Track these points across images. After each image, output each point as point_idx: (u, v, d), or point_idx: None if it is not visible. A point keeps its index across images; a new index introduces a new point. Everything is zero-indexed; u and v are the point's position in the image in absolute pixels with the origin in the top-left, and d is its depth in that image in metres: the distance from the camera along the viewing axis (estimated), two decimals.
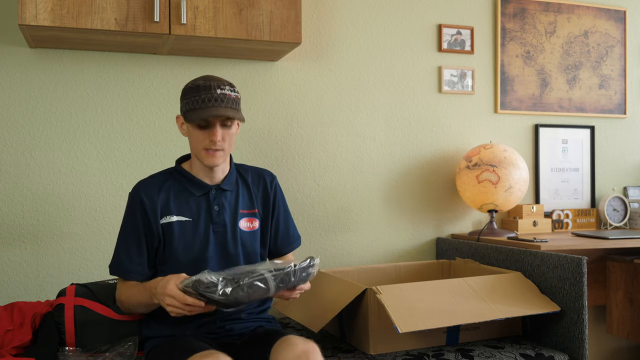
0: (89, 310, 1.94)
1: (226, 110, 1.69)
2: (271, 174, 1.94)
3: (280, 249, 1.94)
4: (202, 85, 1.70)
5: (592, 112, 3.13)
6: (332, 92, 2.68)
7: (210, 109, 1.67)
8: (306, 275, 1.61)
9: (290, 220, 1.96)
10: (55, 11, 1.99)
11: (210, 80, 1.71)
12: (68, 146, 2.33)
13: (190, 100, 1.70)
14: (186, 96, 1.72)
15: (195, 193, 1.79)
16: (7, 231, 2.26)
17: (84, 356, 1.85)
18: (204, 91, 1.68)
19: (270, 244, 1.92)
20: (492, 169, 2.63)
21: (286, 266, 1.56)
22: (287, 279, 1.56)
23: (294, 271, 1.56)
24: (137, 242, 1.76)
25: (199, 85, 1.70)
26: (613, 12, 3.17)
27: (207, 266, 1.77)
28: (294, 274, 1.56)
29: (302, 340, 1.59)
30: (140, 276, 1.76)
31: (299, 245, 1.99)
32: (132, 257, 1.75)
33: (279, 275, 1.54)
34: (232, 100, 1.71)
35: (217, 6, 2.17)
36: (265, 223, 1.89)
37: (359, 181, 2.72)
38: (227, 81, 1.74)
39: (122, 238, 1.79)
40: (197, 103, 1.68)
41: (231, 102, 1.71)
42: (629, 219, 3.06)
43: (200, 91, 1.69)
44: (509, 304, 2.05)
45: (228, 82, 1.73)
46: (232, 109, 1.71)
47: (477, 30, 2.91)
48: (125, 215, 1.80)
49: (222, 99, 1.69)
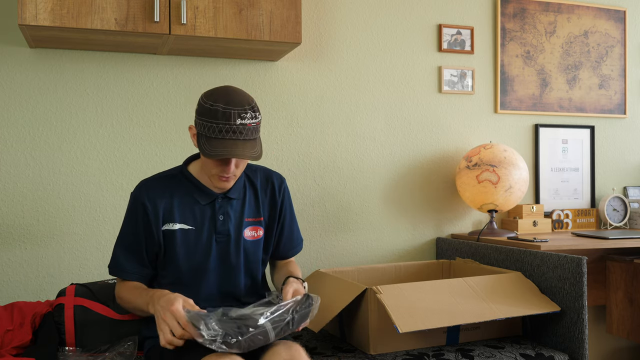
0: (89, 310, 1.94)
1: (244, 146, 1.59)
2: (280, 177, 1.89)
3: (283, 253, 1.92)
4: (222, 112, 1.57)
5: (592, 112, 3.13)
6: (332, 92, 2.68)
7: (227, 142, 1.57)
8: (305, 316, 1.59)
9: (295, 224, 1.94)
10: (55, 11, 1.99)
11: (231, 107, 1.57)
12: (68, 146, 2.33)
13: (206, 125, 1.59)
14: (203, 117, 1.60)
15: (200, 202, 1.75)
16: (7, 231, 2.26)
17: (84, 356, 1.85)
18: (223, 120, 1.57)
19: (274, 247, 1.90)
20: (492, 169, 2.63)
21: (286, 317, 1.54)
22: (286, 327, 1.55)
23: (293, 318, 1.55)
24: (137, 246, 1.74)
25: (217, 111, 1.57)
26: (613, 12, 3.17)
27: (207, 276, 1.75)
28: (293, 322, 1.55)
29: (285, 348, 1.56)
30: (139, 277, 1.75)
31: (301, 250, 1.98)
32: (130, 259, 1.74)
33: (278, 326, 1.53)
34: (252, 130, 1.60)
35: (217, 6, 2.17)
36: (270, 229, 1.86)
37: (359, 181, 2.72)
38: (248, 103, 1.60)
39: (121, 239, 1.77)
40: (214, 132, 1.58)
41: (250, 133, 1.60)
42: (629, 219, 3.06)
43: (219, 119, 1.57)
44: (509, 304, 2.05)
45: (250, 105, 1.60)
46: (251, 140, 1.61)
47: (477, 30, 2.91)
48: (127, 216, 1.77)
49: (242, 131, 1.58)
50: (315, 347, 2.09)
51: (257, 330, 1.50)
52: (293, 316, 1.55)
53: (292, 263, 1.95)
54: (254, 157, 1.61)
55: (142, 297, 1.63)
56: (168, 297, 1.52)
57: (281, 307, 1.55)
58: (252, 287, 1.84)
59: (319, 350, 2.05)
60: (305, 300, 1.60)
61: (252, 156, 1.61)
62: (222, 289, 1.79)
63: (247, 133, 1.60)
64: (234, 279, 1.79)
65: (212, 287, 1.77)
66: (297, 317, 1.56)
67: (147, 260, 1.75)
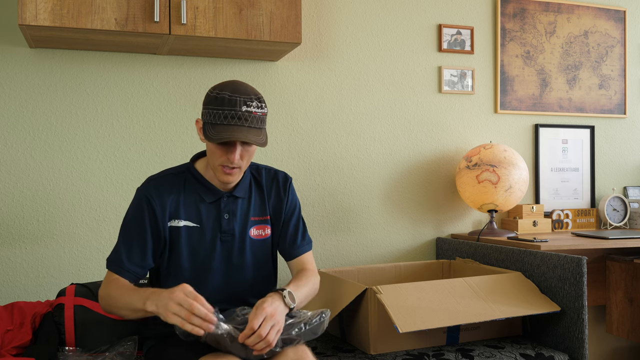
0: (89, 310, 1.94)
1: (248, 132, 1.59)
2: (286, 175, 1.87)
3: (290, 252, 1.86)
4: (228, 99, 1.59)
5: (592, 112, 3.13)
6: (332, 92, 2.68)
7: (232, 127, 1.58)
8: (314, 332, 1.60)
9: (301, 223, 1.89)
10: (55, 11, 1.99)
11: (238, 95, 1.60)
12: (68, 146, 2.33)
13: (212, 112, 1.61)
14: (209, 105, 1.62)
15: (206, 199, 1.73)
16: (7, 231, 2.26)
17: (84, 356, 1.85)
18: (229, 106, 1.59)
19: (280, 246, 1.87)
20: (492, 169, 2.63)
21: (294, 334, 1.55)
22: (295, 340, 1.57)
23: (304, 332, 1.57)
24: (142, 243, 1.69)
25: (224, 99, 1.59)
26: (613, 12, 3.17)
27: (212, 275, 1.72)
28: (302, 334, 1.57)
29: (292, 348, 1.56)
30: (134, 278, 1.68)
31: (310, 249, 1.90)
32: (133, 257, 1.68)
33: (287, 340, 1.55)
34: (257, 119, 1.61)
35: (217, 6, 2.17)
36: (278, 228, 1.84)
37: (359, 181, 2.72)
38: (255, 94, 1.62)
39: (125, 235, 1.71)
40: (219, 118, 1.59)
41: (256, 121, 1.61)
42: (629, 219, 3.06)
43: (225, 105, 1.59)
44: (509, 304, 2.05)
45: (256, 96, 1.62)
46: (256, 128, 1.61)
47: (477, 30, 2.91)
48: (131, 212, 1.72)
49: (247, 118, 1.59)
50: (315, 347, 2.09)
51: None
52: (305, 330, 1.57)
53: (302, 272, 1.81)
54: (259, 143, 1.61)
55: (138, 294, 1.56)
56: (171, 289, 1.48)
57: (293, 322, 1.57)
58: (260, 287, 1.79)
59: (319, 350, 2.05)
60: (318, 315, 1.60)
61: (258, 142, 1.60)
62: (227, 289, 1.76)
63: (253, 121, 1.60)
64: (240, 279, 1.77)
65: (217, 286, 1.75)
66: (307, 331, 1.57)
67: (149, 258, 1.70)
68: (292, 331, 1.55)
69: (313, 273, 1.81)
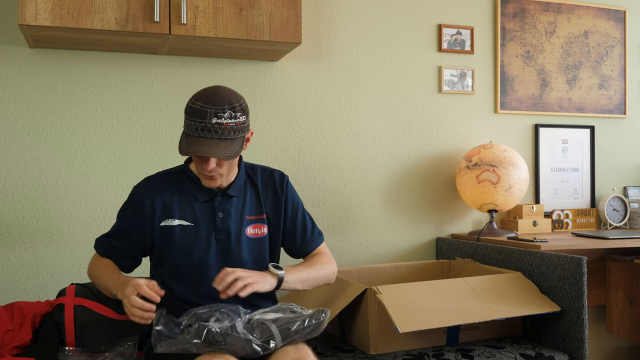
0: (89, 310, 1.94)
1: (217, 144, 1.59)
2: (281, 174, 1.87)
3: (303, 249, 1.88)
4: (200, 110, 1.59)
5: (592, 112, 3.13)
6: (332, 92, 2.68)
7: (201, 140, 1.59)
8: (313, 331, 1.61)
9: (308, 218, 1.89)
10: (55, 11, 1.99)
11: (209, 106, 1.59)
12: (68, 146, 2.33)
13: (186, 122, 1.63)
14: (186, 114, 1.64)
15: (200, 198, 1.75)
16: (7, 231, 2.26)
17: (84, 356, 1.85)
18: (199, 118, 1.59)
19: (291, 245, 1.87)
20: (492, 169, 2.63)
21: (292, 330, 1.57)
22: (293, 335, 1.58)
23: (303, 328, 1.58)
24: (125, 241, 1.77)
25: (196, 110, 1.60)
26: (613, 12, 3.17)
27: (208, 273, 1.73)
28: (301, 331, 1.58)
29: (292, 347, 1.58)
30: (118, 263, 1.78)
31: (322, 241, 1.90)
32: (118, 247, 1.78)
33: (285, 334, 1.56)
34: (229, 130, 1.60)
35: (217, 6, 2.17)
36: (276, 227, 1.84)
37: (359, 181, 2.72)
38: (229, 104, 1.61)
39: (116, 227, 1.80)
40: (191, 129, 1.61)
41: (227, 132, 1.60)
42: (628, 219, 3.06)
43: (196, 116, 1.59)
44: (509, 304, 2.05)
45: (231, 105, 1.61)
46: (226, 140, 1.61)
47: (477, 30, 2.91)
48: (124, 209, 1.80)
49: (217, 130, 1.59)
50: (315, 347, 2.09)
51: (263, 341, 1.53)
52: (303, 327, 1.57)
53: (313, 256, 1.88)
54: (225, 157, 1.61)
55: (114, 280, 1.67)
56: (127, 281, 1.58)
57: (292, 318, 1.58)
58: None
59: (319, 350, 2.06)
60: (318, 314, 1.61)
61: (224, 155, 1.61)
62: None
63: (224, 132, 1.61)
64: None
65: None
66: (305, 328, 1.58)
67: (133, 252, 1.79)
68: (291, 327, 1.56)
69: (326, 258, 1.86)
